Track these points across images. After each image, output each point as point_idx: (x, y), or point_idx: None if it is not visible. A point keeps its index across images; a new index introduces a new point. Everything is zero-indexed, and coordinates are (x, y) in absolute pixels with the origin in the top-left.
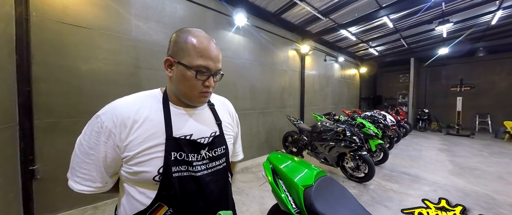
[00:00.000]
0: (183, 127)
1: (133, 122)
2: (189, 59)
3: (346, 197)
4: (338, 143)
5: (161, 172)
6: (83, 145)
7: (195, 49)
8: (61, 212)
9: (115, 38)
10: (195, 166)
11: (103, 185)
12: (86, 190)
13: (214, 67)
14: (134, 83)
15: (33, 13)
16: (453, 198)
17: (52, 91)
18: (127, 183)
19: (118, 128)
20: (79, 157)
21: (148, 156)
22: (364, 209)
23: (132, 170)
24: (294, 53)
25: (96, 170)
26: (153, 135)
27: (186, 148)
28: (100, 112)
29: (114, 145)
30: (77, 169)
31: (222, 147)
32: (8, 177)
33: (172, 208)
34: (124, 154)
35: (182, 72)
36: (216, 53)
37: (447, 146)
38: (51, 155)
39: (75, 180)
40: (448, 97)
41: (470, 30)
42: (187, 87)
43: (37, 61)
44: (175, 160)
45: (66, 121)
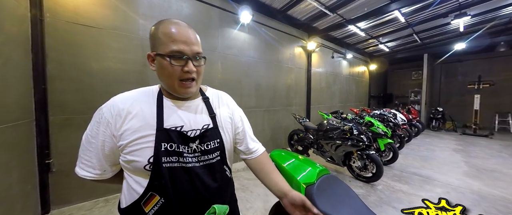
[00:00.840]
0: (174, 119)
1: (127, 113)
2: (162, 47)
3: (349, 196)
4: (344, 141)
5: (152, 161)
6: (87, 135)
7: (166, 36)
8: (74, 204)
9: (124, 37)
10: (186, 157)
11: (102, 173)
12: (87, 175)
13: (188, 50)
14: (142, 80)
15: (47, 14)
16: (467, 201)
17: (65, 89)
18: (126, 172)
19: (114, 119)
20: (84, 146)
21: (139, 146)
22: (368, 209)
23: (126, 159)
24: (300, 50)
25: (96, 157)
26: (145, 126)
27: (177, 140)
28: (103, 105)
29: (111, 134)
30: (82, 156)
31: (216, 141)
32: (26, 170)
33: (164, 198)
34: (119, 143)
35: (160, 63)
36: (188, 35)
37: (462, 146)
38: (65, 149)
39: (80, 166)
40: (464, 95)
41: (490, 23)
42: (167, 76)
43: (52, 60)
44: (165, 150)
45: (79, 117)
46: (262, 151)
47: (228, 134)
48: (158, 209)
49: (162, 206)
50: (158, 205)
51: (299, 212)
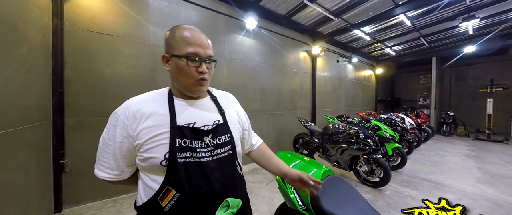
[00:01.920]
0: (186, 117)
1: (142, 114)
2: (179, 49)
3: (353, 196)
4: (350, 145)
5: (167, 157)
6: (104, 138)
7: (183, 40)
8: (85, 204)
9: (135, 43)
10: (199, 152)
11: (120, 173)
12: (105, 176)
13: (203, 53)
14: (152, 85)
15: (67, 23)
16: (481, 208)
17: (80, 93)
18: (142, 172)
19: (130, 120)
20: (101, 148)
21: (155, 143)
22: (372, 208)
23: (143, 157)
24: (305, 54)
25: (113, 159)
26: (159, 124)
27: (190, 136)
28: (117, 108)
29: (127, 135)
30: (100, 158)
31: (227, 136)
32: (43, 170)
33: (179, 192)
34: (136, 142)
35: (176, 63)
36: (203, 40)
37: (475, 152)
38: (78, 150)
39: (99, 168)
40: (476, 99)
41: (501, 26)
42: (183, 76)
43: (69, 65)
44: (179, 146)
45: (92, 120)
46: (261, 142)
47: (236, 131)
48: (174, 203)
49: (178, 200)
50: (174, 199)
51: (299, 184)
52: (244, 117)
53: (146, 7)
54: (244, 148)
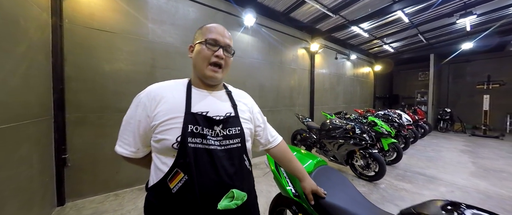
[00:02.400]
0: (200, 105)
1: (161, 98)
2: (202, 37)
3: (344, 184)
4: (347, 140)
5: (179, 140)
6: (126, 117)
7: (206, 30)
8: (86, 197)
9: (134, 40)
10: (209, 140)
11: (136, 151)
12: (123, 152)
13: (222, 40)
14: (151, 81)
15: (66, 20)
16: (473, 200)
17: (80, 89)
18: (155, 154)
19: (150, 102)
20: (123, 126)
21: (169, 126)
22: (361, 195)
23: (157, 138)
24: (304, 51)
25: (132, 136)
26: (175, 109)
27: (202, 123)
28: (141, 92)
29: (146, 115)
30: (121, 136)
31: (237, 128)
32: (45, 163)
33: (187, 175)
34: (152, 123)
35: (197, 49)
36: (223, 31)
37: (471, 147)
38: (79, 145)
39: (119, 144)
40: (474, 96)
41: (498, 22)
42: (201, 58)
43: (69, 62)
44: (191, 132)
45: (92, 115)
46: (280, 140)
47: (247, 126)
48: (181, 185)
49: (185, 183)
50: (182, 181)
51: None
52: (258, 114)
53: (145, 4)
54: (260, 143)
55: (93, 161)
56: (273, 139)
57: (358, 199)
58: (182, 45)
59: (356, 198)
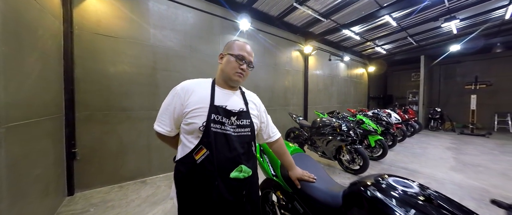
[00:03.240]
0: (221, 100)
1: (192, 91)
2: (234, 51)
3: (316, 168)
4: (334, 137)
5: (204, 125)
6: (165, 103)
7: (237, 46)
8: (93, 189)
9: (137, 45)
10: (226, 126)
11: (170, 130)
12: (161, 130)
13: (247, 58)
14: (152, 82)
15: (76, 27)
16: (446, 190)
17: (88, 89)
18: (183, 134)
19: (184, 94)
20: (162, 111)
21: (198, 113)
22: (329, 177)
23: (188, 122)
24: (298, 53)
25: (169, 119)
26: (202, 101)
27: (222, 113)
28: (177, 86)
29: (181, 103)
30: (159, 118)
31: (248, 120)
32: (58, 156)
33: (209, 151)
34: (185, 110)
35: (228, 59)
36: (250, 51)
37: (456, 145)
38: (87, 141)
39: (158, 124)
40: (463, 96)
41: (483, 25)
42: (230, 68)
43: (78, 65)
44: (213, 119)
45: (99, 114)
46: (278, 136)
47: (255, 121)
48: (204, 158)
49: (207, 156)
50: (204, 155)
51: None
52: (263, 113)
53: (146, 11)
54: (263, 137)
55: (99, 156)
56: (273, 134)
57: (323, 177)
58: (181, 49)
59: (322, 176)
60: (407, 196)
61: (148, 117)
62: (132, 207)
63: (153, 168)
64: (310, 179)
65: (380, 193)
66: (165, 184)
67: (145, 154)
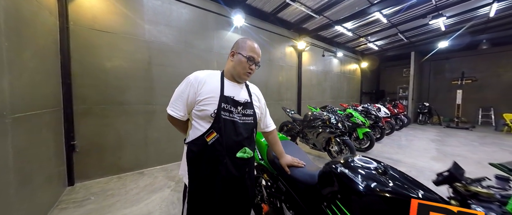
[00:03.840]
0: (229, 91)
1: (204, 81)
2: (246, 51)
3: (298, 152)
4: (324, 129)
5: (215, 112)
6: (179, 91)
7: (249, 47)
8: (93, 179)
9: (132, 40)
10: (234, 115)
11: (183, 115)
12: (175, 115)
13: (257, 59)
14: (148, 77)
15: (71, 22)
16: (424, 176)
17: (85, 84)
18: (195, 120)
19: (197, 83)
20: (175, 97)
21: (209, 101)
22: (309, 159)
23: (200, 108)
24: (291, 49)
25: (182, 105)
26: (213, 91)
27: (230, 102)
28: (190, 75)
29: (194, 92)
30: (173, 103)
31: (251, 111)
32: (58, 148)
33: (219, 134)
34: (197, 98)
35: (240, 58)
36: (259, 53)
37: (441, 137)
38: (86, 134)
39: (171, 109)
40: (451, 91)
41: (469, 23)
42: (241, 67)
43: (75, 60)
44: (223, 108)
45: (97, 108)
46: (273, 128)
47: (257, 111)
48: (214, 141)
49: (217, 139)
50: (215, 138)
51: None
52: (263, 105)
53: (141, 6)
54: (260, 126)
55: (98, 148)
56: (269, 125)
57: (304, 159)
58: (176, 44)
59: (302, 159)
60: (367, 170)
61: (144, 111)
62: (131, 195)
63: (150, 160)
64: (299, 165)
65: (347, 169)
66: (162, 175)
67: (142, 146)
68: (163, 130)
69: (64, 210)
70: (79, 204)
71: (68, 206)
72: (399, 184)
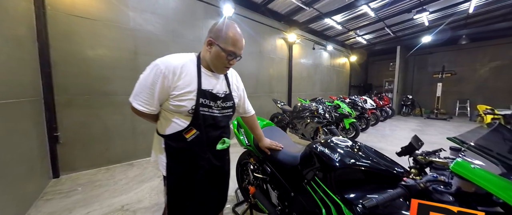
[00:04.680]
0: (207, 84)
1: (180, 72)
2: (225, 44)
3: (282, 136)
4: (312, 119)
5: (193, 109)
6: (147, 81)
7: (231, 39)
8: (79, 171)
9: (116, 28)
10: (214, 109)
11: (155, 109)
12: (145, 110)
13: (238, 53)
14: (135, 67)
15: (48, 7)
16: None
17: (67, 73)
18: (169, 113)
19: (171, 74)
20: (142, 88)
21: (186, 97)
22: (292, 142)
23: (176, 103)
24: (282, 41)
25: (152, 98)
26: (190, 84)
27: (209, 97)
28: (158, 61)
29: (166, 85)
30: (140, 96)
31: (231, 102)
32: (40, 139)
33: (199, 131)
34: (172, 92)
35: (218, 51)
36: (242, 45)
37: (421, 127)
38: (70, 125)
39: (139, 103)
40: (433, 84)
41: (450, 18)
42: (218, 61)
43: (54, 48)
44: (202, 103)
45: (80, 98)
46: (252, 113)
47: (236, 101)
48: (194, 137)
49: (197, 136)
50: (194, 135)
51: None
52: (241, 91)
53: None
54: (239, 111)
55: (83, 139)
56: (248, 111)
57: (288, 142)
58: (163, 34)
59: (286, 142)
60: (344, 148)
61: None
62: (120, 185)
63: (139, 152)
64: (278, 148)
65: (326, 148)
66: (152, 166)
67: (130, 138)
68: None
69: (49, 201)
70: (65, 195)
71: (54, 197)
72: (369, 157)
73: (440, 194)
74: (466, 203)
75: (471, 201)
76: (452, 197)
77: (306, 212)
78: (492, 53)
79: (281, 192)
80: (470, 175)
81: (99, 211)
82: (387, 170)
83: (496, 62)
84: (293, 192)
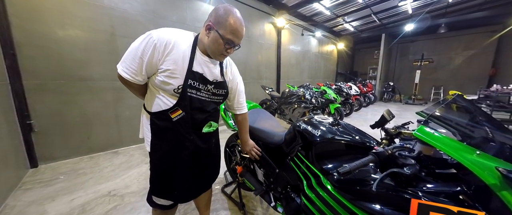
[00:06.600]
0: (199, 67)
1: (172, 47)
2: (224, 31)
3: (269, 117)
4: (299, 105)
5: (180, 89)
6: (137, 49)
7: (230, 27)
8: (59, 161)
9: (87, 5)
10: (202, 92)
11: (142, 80)
12: (130, 78)
13: (237, 42)
14: (112, 50)
15: None
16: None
17: (35, 55)
18: (155, 88)
19: (162, 47)
20: (131, 57)
21: (174, 74)
22: (277, 123)
23: (162, 79)
24: (271, 27)
25: (140, 68)
26: (181, 62)
27: (198, 80)
28: (152, 32)
29: (157, 58)
30: (128, 64)
31: (223, 90)
32: (11, 127)
33: (184, 112)
34: (160, 66)
35: (216, 38)
36: (242, 34)
37: (399, 112)
38: (44, 112)
39: (126, 71)
40: (412, 72)
41: (431, 6)
42: (216, 48)
43: (15, 27)
44: (190, 85)
45: (53, 83)
46: (244, 111)
47: (229, 89)
48: (179, 118)
49: (182, 117)
50: (180, 116)
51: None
52: (236, 83)
53: None
54: (229, 103)
55: (60, 127)
56: (240, 108)
57: (273, 123)
58: (142, 14)
59: (272, 123)
60: (324, 125)
61: (112, 87)
62: (106, 172)
63: (124, 139)
64: (257, 155)
65: (308, 125)
66: (139, 153)
67: (114, 125)
68: (135, 108)
69: (29, 190)
70: (46, 184)
71: (34, 187)
72: (347, 132)
73: (404, 159)
74: (426, 166)
75: (430, 164)
76: (414, 161)
77: (289, 186)
78: (466, 42)
79: (267, 170)
80: (428, 139)
81: (84, 198)
82: (362, 142)
83: (469, 51)
84: (278, 169)
